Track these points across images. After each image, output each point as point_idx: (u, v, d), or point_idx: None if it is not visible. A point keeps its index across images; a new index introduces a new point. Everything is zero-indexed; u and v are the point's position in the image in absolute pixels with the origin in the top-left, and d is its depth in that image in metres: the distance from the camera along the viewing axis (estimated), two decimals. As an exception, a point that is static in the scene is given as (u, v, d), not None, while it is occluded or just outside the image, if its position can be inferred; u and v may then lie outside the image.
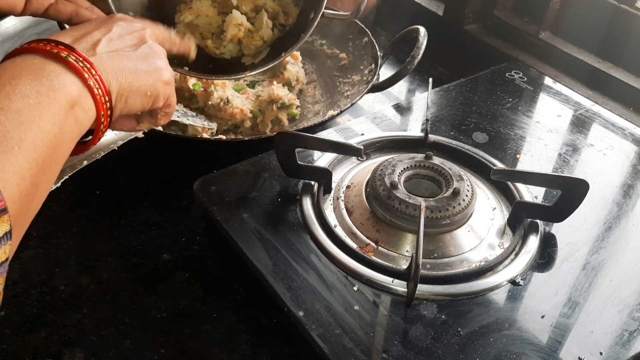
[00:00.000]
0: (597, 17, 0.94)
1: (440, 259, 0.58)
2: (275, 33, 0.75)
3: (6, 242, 0.33)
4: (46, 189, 0.39)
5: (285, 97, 0.84)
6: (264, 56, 0.74)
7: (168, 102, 0.50)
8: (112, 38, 0.45)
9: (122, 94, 0.44)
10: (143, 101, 0.47)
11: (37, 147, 0.36)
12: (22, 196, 0.35)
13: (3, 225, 0.33)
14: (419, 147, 0.71)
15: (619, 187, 0.69)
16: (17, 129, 0.35)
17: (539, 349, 0.50)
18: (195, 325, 0.60)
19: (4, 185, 0.33)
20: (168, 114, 0.52)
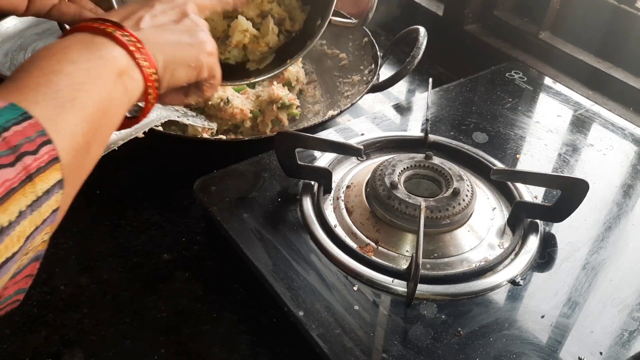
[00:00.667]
0: (597, 17, 0.94)
1: (440, 258, 0.58)
2: (281, 39, 0.75)
3: (58, 190, 0.35)
4: (97, 152, 0.41)
5: (285, 97, 0.84)
6: (269, 62, 0.74)
7: (212, 74, 0.51)
8: (155, 14, 0.47)
9: (168, 66, 0.46)
10: (188, 73, 0.48)
11: (87, 107, 0.38)
12: (74, 150, 0.37)
13: (54, 173, 0.34)
14: (419, 147, 0.71)
15: (619, 187, 0.69)
16: (69, 88, 0.37)
17: (539, 348, 0.50)
18: (195, 325, 0.60)
19: (57, 136, 0.35)
20: (213, 85, 0.53)
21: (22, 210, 0.32)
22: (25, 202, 0.32)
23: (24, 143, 0.33)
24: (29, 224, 0.33)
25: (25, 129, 0.33)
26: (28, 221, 0.33)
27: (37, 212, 0.33)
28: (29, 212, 0.33)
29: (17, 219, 0.32)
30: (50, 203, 0.34)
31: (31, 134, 0.33)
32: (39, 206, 0.33)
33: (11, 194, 0.31)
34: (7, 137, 0.32)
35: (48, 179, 0.34)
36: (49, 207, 0.34)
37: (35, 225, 0.34)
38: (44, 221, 0.34)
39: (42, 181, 0.33)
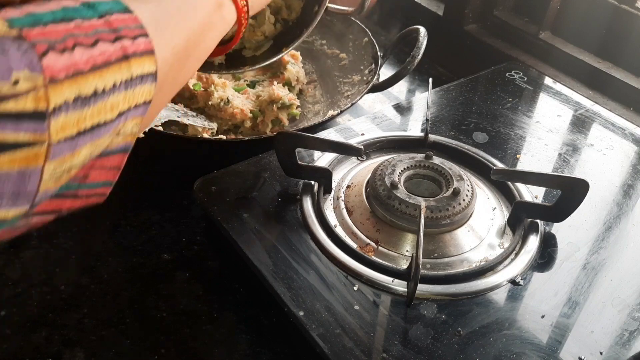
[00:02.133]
0: (597, 17, 0.94)
1: (440, 258, 0.58)
2: (277, 28, 0.75)
3: (151, 82, 0.36)
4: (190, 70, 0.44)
5: (286, 97, 0.84)
6: (266, 49, 0.74)
7: None
8: None
9: None
10: None
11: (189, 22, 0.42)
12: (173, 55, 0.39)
13: (149, 62, 0.36)
14: (419, 147, 0.71)
15: (619, 187, 0.69)
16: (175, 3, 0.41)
17: (539, 348, 0.50)
18: (195, 325, 0.60)
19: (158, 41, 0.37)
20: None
21: (116, 83, 0.33)
22: (120, 77, 0.34)
23: (124, 29, 0.35)
24: (122, 99, 0.34)
25: (126, 20, 0.35)
26: (122, 96, 0.34)
27: (130, 91, 0.35)
28: (123, 88, 0.34)
29: (111, 90, 0.33)
30: (144, 90, 0.36)
31: (131, 24, 0.35)
32: (133, 87, 0.35)
33: (109, 65, 0.33)
34: (110, 19, 0.34)
35: (143, 65, 0.35)
36: (142, 93, 0.36)
37: (129, 105, 0.35)
38: (137, 106, 0.36)
39: (137, 64, 0.35)
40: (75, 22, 0.33)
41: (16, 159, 0.29)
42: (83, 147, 0.33)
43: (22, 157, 0.30)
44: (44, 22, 0.31)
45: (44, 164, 0.31)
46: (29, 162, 0.30)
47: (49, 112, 0.30)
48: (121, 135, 0.37)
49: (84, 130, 0.32)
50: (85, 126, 0.32)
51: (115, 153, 0.37)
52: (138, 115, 0.37)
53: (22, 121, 0.29)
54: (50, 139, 0.30)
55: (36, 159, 0.30)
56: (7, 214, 0.31)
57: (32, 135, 0.30)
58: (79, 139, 0.32)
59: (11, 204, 0.30)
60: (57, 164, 0.32)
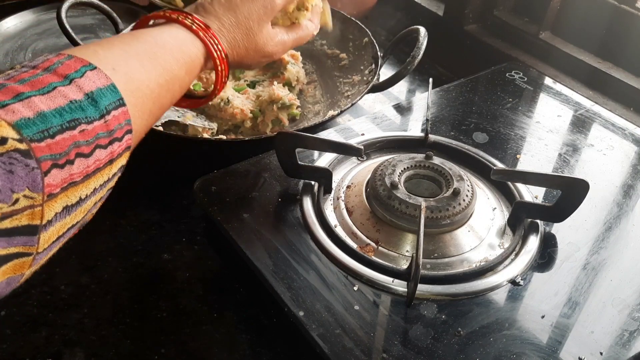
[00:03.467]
0: (597, 17, 0.94)
1: (440, 259, 0.58)
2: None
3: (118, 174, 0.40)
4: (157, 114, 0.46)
5: (286, 97, 0.84)
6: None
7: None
8: None
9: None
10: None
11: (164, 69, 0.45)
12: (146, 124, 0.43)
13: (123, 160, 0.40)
14: (419, 147, 0.71)
15: (619, 187, 0.69)
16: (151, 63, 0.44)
17: (539, 349, 0.50)
18: (195, 325, 0.60)
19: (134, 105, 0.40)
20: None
21: (96, 188, 0.36)
22: (100, 181, 0.37)
23: (117, 129, 0.37)
24: (94, 199, 0.37)
25: (119, 117, 0.37)
26: (96, 197, 0.37)
27: (100, 191, 0.38)
28: (99, 190, 0.37)
29: (90, 194, 0.36)
30: (111, 185, 0.39)
31: (122, 120, 0.38)
32: (105, 186, 0.38)
33: (97, 173, 0.36)
34: (109, 120, 0.36)
35: (118, 165, 0.38)
36: (109, 187, 0.39)
37: (95, 201, 0.38)
38: (101, 198, 0.39)
39: (116, 166, 0.38)
40: (80, 128, 0.34)
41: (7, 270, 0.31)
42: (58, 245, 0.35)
43: (10, 268, 0.31)
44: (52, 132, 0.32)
45: (27, 270, 0.33)
46: (15, 272, 0.32)
47: (41, 226, 0.32)
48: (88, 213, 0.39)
49: (62, 235, 0.35)
50: (63, 231, 0.34)
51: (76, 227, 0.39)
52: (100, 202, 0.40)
53: (14, 237, 0.30)
54: (37, 249, 0.32)
55: (22, 268, 0.32)
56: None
57: (22, 248, 0.31)
58: (57, 242, 0.34)
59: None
60: (36, 267, 0.34)
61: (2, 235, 0.29)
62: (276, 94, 0.83)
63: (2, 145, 0.30)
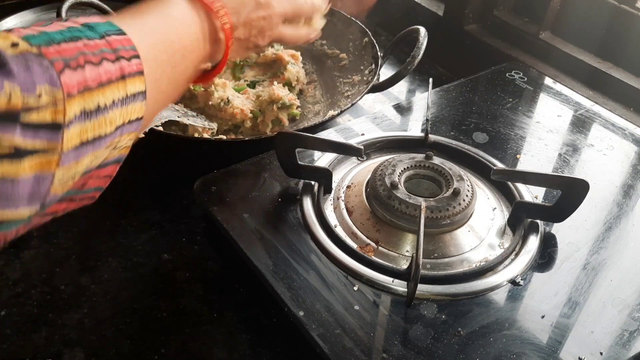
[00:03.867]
0: (597, 17, 0.94)
1: (440, 259, 0.58)
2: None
3: (142, 100, 0.40)
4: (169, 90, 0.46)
5: (286, 97, 0.84)
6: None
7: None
8: None
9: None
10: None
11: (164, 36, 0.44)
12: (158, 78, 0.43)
13: (140, 82, 0.39)
14: (419, 147, 0.71)
15: (619, 187, 0.69)
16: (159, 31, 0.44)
17: (539, 349, 0.50)
18: (195, 325, 0.60)
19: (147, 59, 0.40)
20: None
21: (115, 100, 0.37)
22: (118, 95, 0.37)
23: (121, 49, 0.38)
24: (119, 115, 0.38)
25: (122, 41, 0.39)
26: (119, 112, 0.38)
27: (125, 108, 0.38)
28: (120, 105, 0.38)
29: (110, 106, 0.37)
30: (136, 107, 0.39)
31: (127, 45, 0.39)
32: (127, 104, 0.38)
33: (110, 83, 0.37)
34: (110, 40, 0.38)
35: (135, 84, 0.39)
36: (135, 111, 0.39)
37: (123, 120, 0.38)
38: (130, 122, 0.39)
39: (131, 84, 0.39)
40: (82, 42, 0.36)
41: (34, 165, 0.33)
42: (85, 156, 0.36)
43: (38, 162, 0.33)
44: (57, 40, 0.35)
45: (55, 170, 0.34)
46: (43, 168, 0.34)
47: (64, 125, 0.34)
48: (117, 148, 0.40)
49: (86, 141, 0.36)
50: (87, 137, 0.36)
51: (110, 164, 0.41)
52: (132, 130, 0.40)
53: (40, 130, 0.33)
54: (62, 148, 0.34)
55: (49, 165, 0.34)
56: (23, 214, 0.34)
57: (47, 144, 0.33)
58: (83, 148, 0.36)
59: (26, 205, 0.34)
60: (64, 171, 0.35)
61: (29, 128, 0.32)
62: (276, 94, 0.83)
63: (15, 47, 0.32)
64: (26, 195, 0.33)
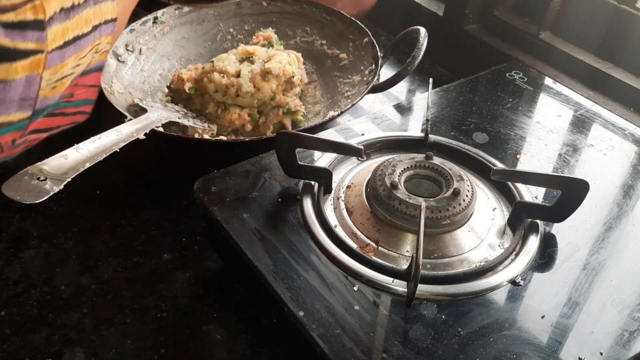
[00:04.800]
0: (597, 17, 0.94)
1: (440, 259, 0.58)
2: None
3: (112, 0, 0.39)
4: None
5: (292, 103, 0.84)
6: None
7: None
8: None
9: None
10: None
11: None
12: None
13: None
14: (419, 147, 0.71)
15: (619, 187, 0.69)
16: None
17: (539, 349, 0.50)
18: (195, 325, 0.60)
19: None
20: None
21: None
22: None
23: None
24: (93, 14, 0.37)
25: None
26: (92, 11, 0.37)
27: (99, 7, 0.38)
28: (92, 3, 0.37)
29: (84, 4, 0.36)
30: (108, 6, 0.39)
31: None
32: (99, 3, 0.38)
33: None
34: None
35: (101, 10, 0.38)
36: (108, 10, 0.39)
37: (99, 20, 0.38)
38: (106, 22, 0.39)
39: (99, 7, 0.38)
40: None
41: (25, 66, 0.33)
42: (69, 58, 0.36)
43: (29, 64, 0.33)
44: None
45: (42, 72, 0.34)
46: (32, 69, 0.33)
47: (46, 21, 0.33)
48: (98, 53, 0.40)
49: (69, 41, 0.36)
50: (69, 37, 0.35)
51: (93, 71, 0.41)
52: (109, 32, 0.40)
53: (26, 31, 0.32)
54: (47, 47, 0.34)
55: (38, 66, 0.34)
56: (14, 118, 0.34)
57: (36, 44, 0.33)
58: (66, 49, 0.35)
59: (17, 109, 0.34)
60: (51, 73, 0.35)
61: (15, 28, 0.32)
62: (282, 99, 0.83)
63: None
64: (17, 98, 0.33)
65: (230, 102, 0.82)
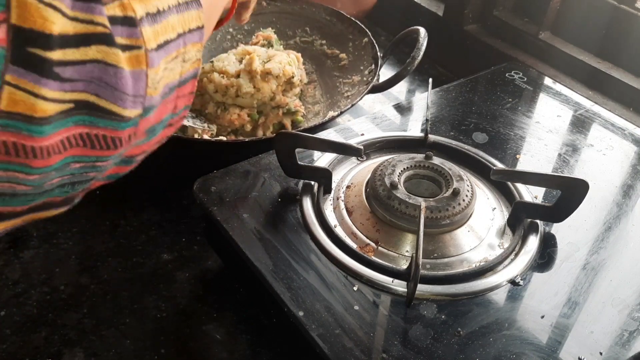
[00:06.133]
0: (597, 17, 0.94)
1: (440, 259, 0.58)
2: None
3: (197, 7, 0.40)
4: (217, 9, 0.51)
5: (292, 103, 0.84)
6: None
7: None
8: None
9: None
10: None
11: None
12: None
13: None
14: (419, 147, 0.71)
15: (619, 187, 0.69)
16: None
17: (539, 349, 0.50)
18: (195, 325, 0.60)
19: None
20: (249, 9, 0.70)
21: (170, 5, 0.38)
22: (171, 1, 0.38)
23: None
24: (177, 22, 0.38)
25: None
26: (177, 18, 0.38)
27: (181, 15, 0.39)
28: (175, 12, 0.38)
29: (168, 10, 0.37)
30: (192, 15, 0.40)
31: None
32: (183, 12, 0.39)
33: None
34: None
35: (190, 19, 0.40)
36: (192, 19, 0.40)
37: (183, 28, 0.39)
38: (191, 31, 0.40)
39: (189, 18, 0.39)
40: None
41: (127, 57, 0.34)
42: (160, 61, 0.37)
43: (130, 56, 0.34)
44: None
45: (147, 69, 0.35)
46: (135, 64, 0.35)
47: (137, 19, 0.35)
48: (188, 62, 0.41)
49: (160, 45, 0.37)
50: (159, 40, 0.37)
51: (189, 80, 0.42)
52: (196, 40, 0.41)
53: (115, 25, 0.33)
54: (146, 45, 0.35)
55: (139, 61, 0.35)
56: (131, 113, 0.35)
57: (129, 40, 0.34)
58: (160, 51, 0.37)
59: (132, 103, 0.35)
60: (153, 73, 0.36)
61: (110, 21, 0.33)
62: (282, 99, 0.83)
63: None
64: (130, 91, 0.34)
65: (230, 102, 0.82)
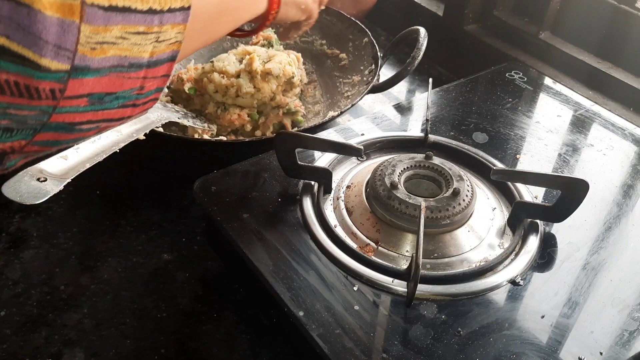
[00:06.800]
0: (597, 17, 0.94)
1: (440, 259, 0.58)
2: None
3: None
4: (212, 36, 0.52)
5: (292, 104, 0.84)
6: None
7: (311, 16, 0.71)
8: None
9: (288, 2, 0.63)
10: (297, 14, 0.67)
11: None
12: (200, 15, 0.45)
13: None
14: (419, 147, 0.71)
15: (619, 187, 0.69)
16: None
17: (539, 349, 0.50)
18: (195, 325, 0.60)
19: None
20: (309, 24, 0.73)
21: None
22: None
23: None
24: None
25: None
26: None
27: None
28: None
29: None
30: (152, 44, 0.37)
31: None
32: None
33: None
34: None
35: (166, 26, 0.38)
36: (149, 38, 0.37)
37: (160, 5, 0.36)
38: (171, 10, 0.37)
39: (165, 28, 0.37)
40: None
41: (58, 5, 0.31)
42: (115, 25, 0.34)
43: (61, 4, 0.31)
44: None
45: (80, 22, 0.32)
46: (64, 13, 0.32)
47: None
48: (163, 42, 0.38)
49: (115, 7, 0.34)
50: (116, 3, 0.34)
51: (164, 62, 0.40)
52: (178, 21, 0.38)
53: None
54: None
55: (71, 11, 0.32)
56: (51, 65, 0.32)
57: None
58: (112, 14, 0.34)
59: (53, 54, 0.32)
60: (91, 31, 0.33)
61: None
62: (282, 99, 0.83)
63: None
64: (51, 39, 0.31)
65: (230, 103, 0.82)
